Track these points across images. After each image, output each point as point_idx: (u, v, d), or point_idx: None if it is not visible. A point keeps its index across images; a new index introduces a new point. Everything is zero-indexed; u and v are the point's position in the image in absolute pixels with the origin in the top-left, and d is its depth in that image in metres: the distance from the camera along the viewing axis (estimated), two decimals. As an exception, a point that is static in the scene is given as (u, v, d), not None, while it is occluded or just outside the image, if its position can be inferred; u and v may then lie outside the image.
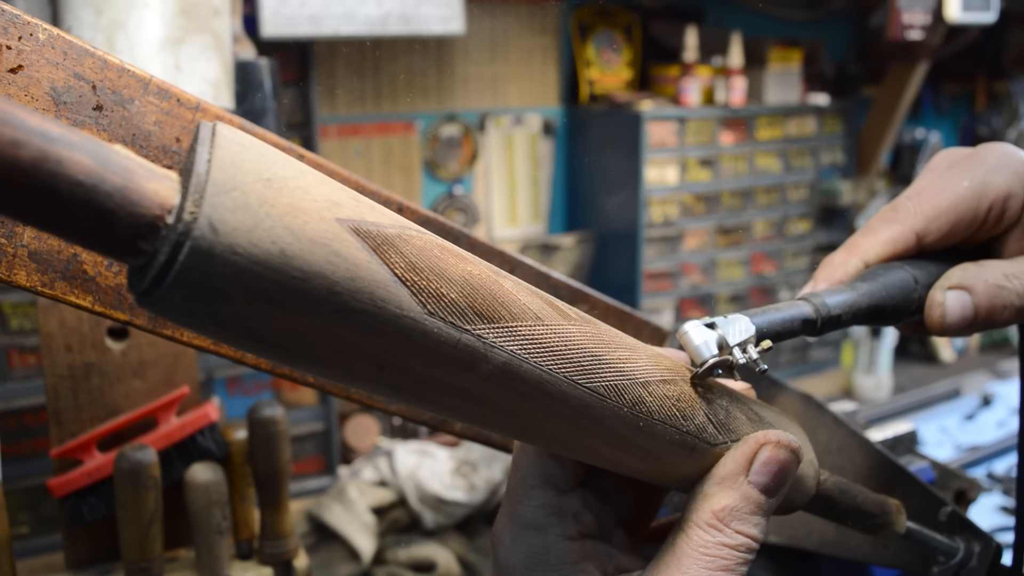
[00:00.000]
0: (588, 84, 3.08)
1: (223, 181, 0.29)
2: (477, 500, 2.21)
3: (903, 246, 0.54)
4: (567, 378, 0.38)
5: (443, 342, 0.34)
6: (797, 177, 3.30)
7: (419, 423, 0.69)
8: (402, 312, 0.32)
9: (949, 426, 2.78)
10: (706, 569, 0.40)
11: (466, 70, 2.91)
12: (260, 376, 2.47)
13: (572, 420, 0.38)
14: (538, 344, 0.37)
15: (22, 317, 2.08)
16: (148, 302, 0.29)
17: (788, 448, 0.43)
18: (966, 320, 0.52)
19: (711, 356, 0.42)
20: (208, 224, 0.28)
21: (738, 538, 0.41)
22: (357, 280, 0.31)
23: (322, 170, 0.59)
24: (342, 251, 0.31)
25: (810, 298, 0.49)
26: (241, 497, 0.95)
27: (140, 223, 0.28)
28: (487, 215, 3.04)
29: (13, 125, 0.26)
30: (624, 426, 0.39)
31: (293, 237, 0.30)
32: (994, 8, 3.05)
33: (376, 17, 2.39)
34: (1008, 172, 0.53)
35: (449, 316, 0.34)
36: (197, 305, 0.29)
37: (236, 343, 0.31)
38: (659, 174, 2.98)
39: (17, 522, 2.03)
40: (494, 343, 0.35)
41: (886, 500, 0.56)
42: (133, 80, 0.50)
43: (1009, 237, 0.55)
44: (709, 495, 0.42)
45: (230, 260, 0.29)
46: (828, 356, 3.53)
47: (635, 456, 0.41)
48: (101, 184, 0.27)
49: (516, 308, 0.37)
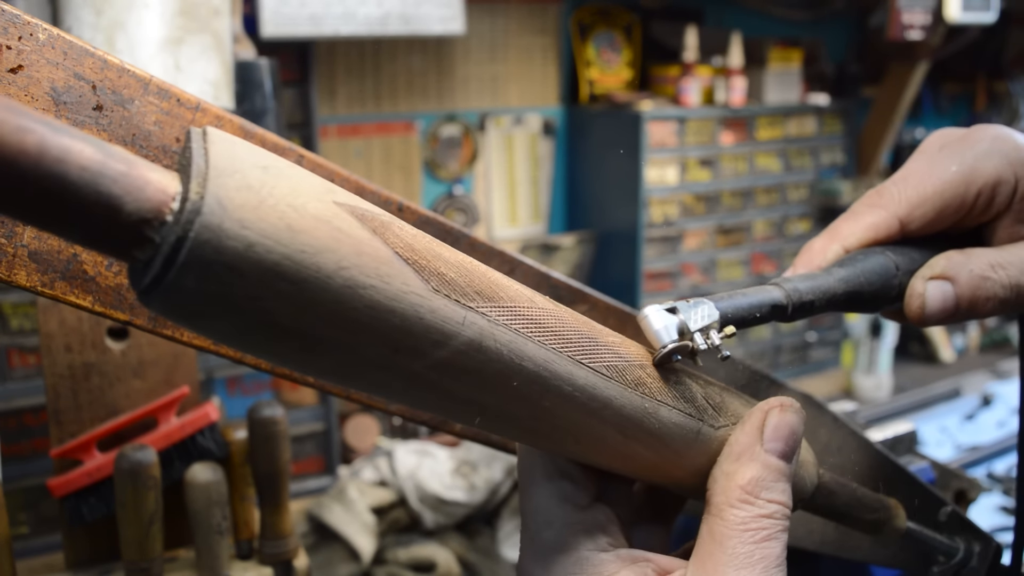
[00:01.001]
0: (588, 84, 3.08)
1: (223, 166, 0.30)
2: (477, 500, 2.21)
3: (885, 232, 0.52)
4: (571, 357, 0.38)
5: (451, 319, 0.34)
6: (797, 177, 3.30)
7: (419, 423, 0.69)
8: (409, 288, 0.33)
9: (949, 426, 2.78)
10: (751, 544, 0.40)
11: (466, 70, 2.91)
12: (260, 376, 2.47)
13: (582, 403, 0.38)
14: (538, 324, 0.37)
15: (22, 317, 2.08)
16: (158, 292, 0.29)
17: (792, 408, 0.44)
18: (947, 311, 0.50)
19: (671, 341, 0.41)
20: (215, 201, 0.29)
21: (771, 507, 0.41)
22: (363, 255, 0.31)
23: (322, 170, 0.59)
24: (345, 228, 0.31)
25: (781, 283, 0.48)
26: (241, 497, 0.95)
27: (146, 208, 0.28)
28: (487, 215, 3.04)
29: (18, 113, 0.26)
30: (631, 407, 0.40)
31: (297, 214, 0.30)
32: (994, 8, 3.05)
33: (376, 17, 2.39)
34: (999, 157, 0.51)
35: (452, 294, 0.34)
36: (210, 286, 0.29)
37: (248, 334, 0.31)
38: (659, 174, 2.98)
39: (17, 522, 2.03)
40: (497, 320, 0.35)
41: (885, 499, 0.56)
42: (133, 80, 0.50)
43: (999, 224, 0.53)
44: (731, 473, 0.42)
45: (240, 234, 0.29)
46: (828, 356, 3.52)
47: (646, 445, 0.41)
48: (106, 170, 0.27)
49: (511, 291, 0.37)
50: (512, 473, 2.25)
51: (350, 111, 2.73)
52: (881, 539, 0.59)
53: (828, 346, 3.51)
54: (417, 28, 2.45)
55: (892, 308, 0.53)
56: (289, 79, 2.49)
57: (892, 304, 0.52)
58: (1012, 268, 0.50)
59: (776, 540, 0.40)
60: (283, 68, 2.21)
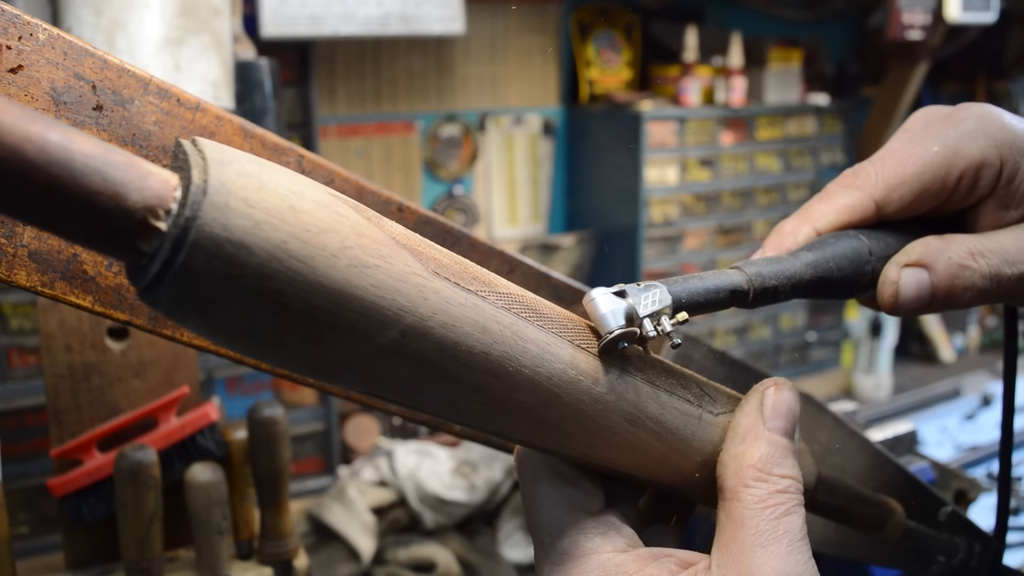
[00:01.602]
0: (588, 84, 3.08)
1: (220, 158, 0.30)
2: (477, 500, 2.21)
3: (860, 214, 0.49)
4: (570, 340, 0.38)
5: (454, 299, 0.34)
6: (797, 177, 3.30)
7: (419, 423, 0.69)
8: (410, 269, 0.33)
9: (949, 426, 2.78)
10: (773, 520, 0.39)
11: (466, 70, 2.91)
12: (260, 376, 2.47)
13: (587, 389, 0.38)
14: (535, 310, 0.38)
15: (22, 317, 2.08)
16: (166, 281, 0.29)
17: (786, 386, 0.44)
18: (922, 301, 0.48)
19: (617, 327, 0.38)
20: (219, 183, 0.29)
21: (784, 482, 0.41)
22: (363, 236, 0.32)
23: (322, 170, 0.59)
24: (343, 212, 0.32)
25: (743, 267, 0.45)
26: (241, 497, 0.95)
27: (150, 195, 0.28)
28: (487, 215, 3.04)
29: (21, 107, 0.26)
30: (634, 392, 0.40)
31: (297, 197, 0.31)
32: (994, 8, 3.05)
33: (376, 17, 2.39)
34: (984, 138, 0.48)
35: (452, 277, 0.35)
36: (220, 266, 0.29)
37: (258, 320, 0.30)
38: (659, 174, 2.98)
39: (17, 522, 2.03)
40: (497, 303, 0.36)
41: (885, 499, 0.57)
42: (133, 80, 0.50)
43: (982, 209, 0.50)
44: (739, 455, 0.42)
45: (247, 212, 0.29)
46: (828, 356, 3.52)
47: (653, 433, 0.41)
48: (109, 157, 0.28)
49: (501, 281, 0.38)
50: (512, 473, 2.25)
51: (350, 111, 2.73)
52: (881, 539, 0.59)
53: (828, 346, 3.51)
54: (417, 28, 2.45)
55: (864, 296, 0.50)
56: (289, 79, 2.49)
57: (864, 292, 0.50)
58: (993, 256, 0.48)
59: (795, 514, 0.40)
60: (283, 68, 2.21)
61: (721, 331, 3.23)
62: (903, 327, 3.65)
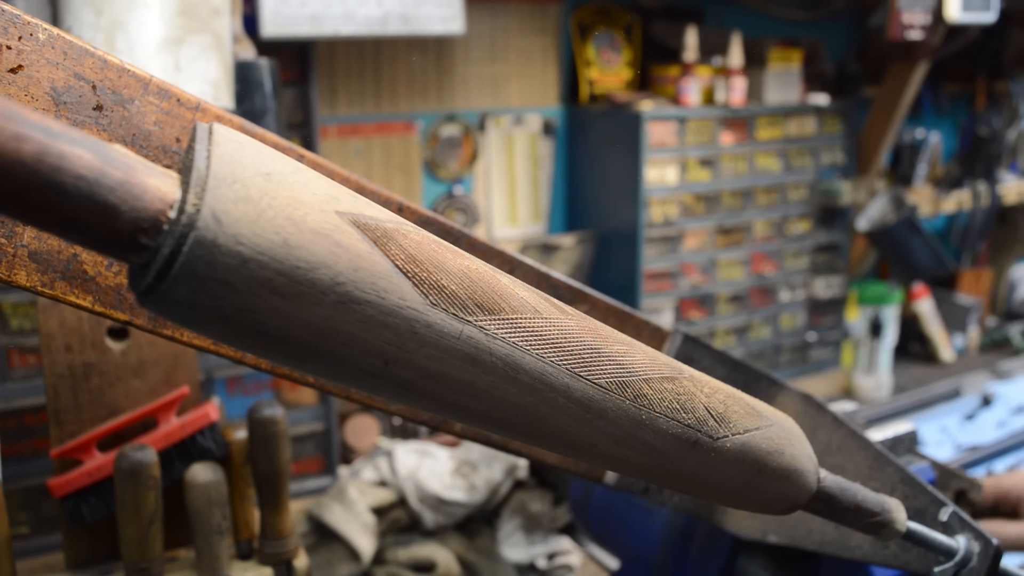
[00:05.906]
0: (588, 84, 3.08)
1: (224, 175, 0.30)
2: (477, 500, 2.21)
3: None
4: (569, 370, 0.38)
5: (447, 333, 0.34)
6: (797, 177, 3.30)
7: (419, 423, 0.69)
8: (405, 303, 0.33)
9: (949, 426, 2.78)
10: None
11: (466, 70, 2.91)
12: (260, 376, 2.47)
13: (576, 414, 0.38)
14: (539, 336, 0.37)
15: (22, 317, 2.08)
16: (152, 299, 0.29)
17: None
18: None
19: None
20: (211, 215, 0.29)
21: None
22: (360, 270, 0.31)
23: (322, 170, 0.59)
24: (344, 242, 0.31)
25: None
26: (241, 497, 0.95)
27: (142, 217, 0.28)
28: (487, 215, 3.04)
29: (15, 120, 0.26)
30: (627, 419, 0.40)
31: (295, 227, 0.30)
32: (994, 8, 3.05)
33: (376, 17, 2.39)
34: None
35: (451, 307, 0.34)
36: (202, 298, 0.29)
37: (240, 341, 0.31)
38: (659, 174, 2.98)
39: (17, 522, 2.03)
40: (496, 334, 0.35)
41: (886, 499, 0.56)
42: (133, 80, 0.50)
43: None
44: None
45: (234, 250, 0.29)
46: (828, 356, 3.52)
47: (639, 452, 0.41)
48: (103, 178, 0.27)
49: (515, 302, 0.37)
50: (512, 473, 2.24)
51: (350, 111, 2.73)
52: (881, 539, 0.59)
53: (828, 346, 3.51)
54: (417, 28, 2.45)
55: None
56: (289, 79, 2.49)
57: None
58: None
59: None
60: (283, 68, 2.21)
61: (721, 331, 3.23)
62: (903, 327, 3.65)
